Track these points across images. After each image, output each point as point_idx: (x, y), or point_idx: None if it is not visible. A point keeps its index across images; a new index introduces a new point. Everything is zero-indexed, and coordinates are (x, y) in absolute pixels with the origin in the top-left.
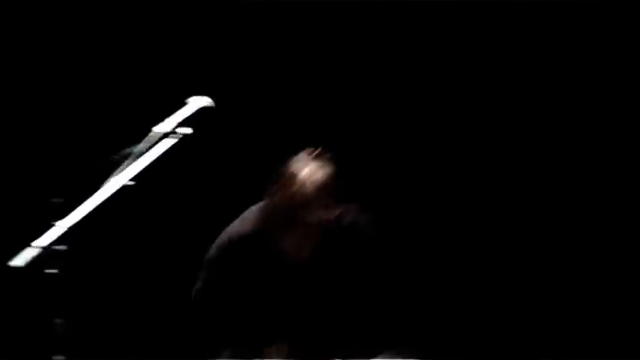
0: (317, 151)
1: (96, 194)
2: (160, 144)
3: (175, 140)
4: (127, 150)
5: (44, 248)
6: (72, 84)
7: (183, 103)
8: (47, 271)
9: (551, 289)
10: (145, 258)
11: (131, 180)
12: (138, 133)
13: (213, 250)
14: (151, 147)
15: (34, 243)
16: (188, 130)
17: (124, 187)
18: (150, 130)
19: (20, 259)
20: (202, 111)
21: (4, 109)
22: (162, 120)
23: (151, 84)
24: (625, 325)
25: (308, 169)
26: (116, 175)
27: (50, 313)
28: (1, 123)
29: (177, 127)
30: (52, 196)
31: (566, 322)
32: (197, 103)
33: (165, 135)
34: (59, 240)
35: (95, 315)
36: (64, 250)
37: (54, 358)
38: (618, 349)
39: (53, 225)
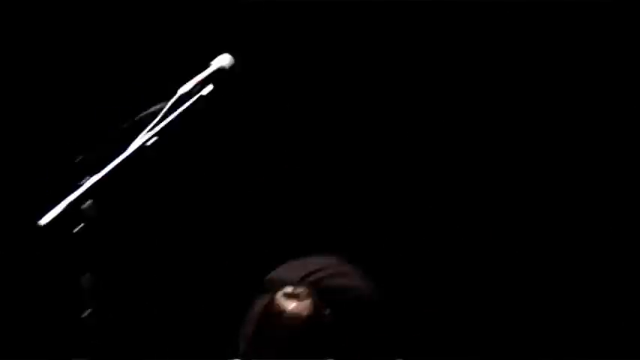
0: (302, 289)
1: (121, 154)
2: (184, 103)
3: (197, 99)
4: (153, 109)
5: (69, 206)
6: (98, 45)
7: (207, 64)
8: (73, 229)
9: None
10: (165, 216)
11: (154, 138)
12: (164, 93)
13: None
14: (175, 106)
15: (61, 201)
16: (209, 89)
17: (145, 146)
18: (175, 91)
19: (47, 218)
20: (224, 71)
21: (31, 71)
22: (187, 80)
23: (176, 45)
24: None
25: (295, 306)
26: (142, 134)
27: (77, 270)
28: (30, 84)
29: (200, 86)
30: (78, 155)
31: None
32: (220, 62)
33: (189, 94)
34: (84, 198)
35: (119, 270)
36: (89, 208)
37: (82, 313)
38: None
39: (79, 184)
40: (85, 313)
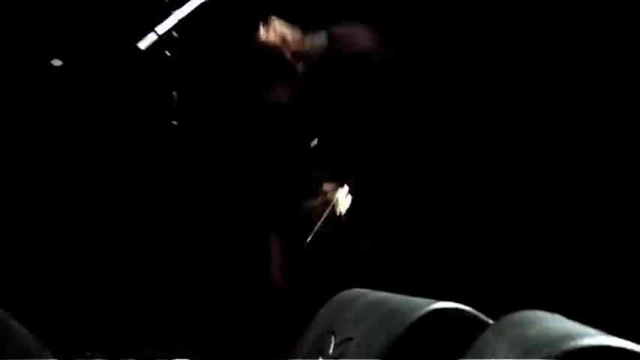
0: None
1: None
2: None
3: None
4: None
5: (162, 35)
6: None
7: None
8: (165, 52)
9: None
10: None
11: None
12: None
13: None
14: None
15: (156, 29)
16: None
17: None
18: None
19: (144, 43)
20: None
21: None
22: None
23: None
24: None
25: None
26: None
27: (167, 87)
28: None
29: None
30: None
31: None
32: None
33: None
34: (173, 28)
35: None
36: (177, 37)
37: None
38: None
39: (169, 14)
40: (174, 123)
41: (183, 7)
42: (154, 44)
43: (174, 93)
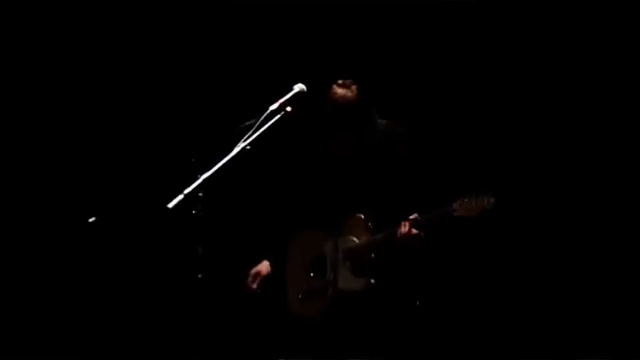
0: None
1: (228, 155)
2: (273, 117)
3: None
4: (248, 122)
5: (189, 194)
6: (209, 73)
7: (290, 89)
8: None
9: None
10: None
11: (250, 145)
12: (258, 109)
13: None
14: (266, 120)
15: (184, 191)
16: (289, 108)
17: (244, 150)
18: (267, 108)
19: (173, 203)
20: (303, 93)
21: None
22: (275, 100)
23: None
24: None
25: (344, 92)
26: (241, 141)
27: (193, 243)
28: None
29: (283, 105)
30: (194, 157)
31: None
32: (299, 87)
33: (276, 110)
34: (199, 188)
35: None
36: (203, 196)
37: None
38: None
39: (197, 177)
40: (199, 276)
41: (210, 169)
42: (181, 204)
43: (199, 248)
